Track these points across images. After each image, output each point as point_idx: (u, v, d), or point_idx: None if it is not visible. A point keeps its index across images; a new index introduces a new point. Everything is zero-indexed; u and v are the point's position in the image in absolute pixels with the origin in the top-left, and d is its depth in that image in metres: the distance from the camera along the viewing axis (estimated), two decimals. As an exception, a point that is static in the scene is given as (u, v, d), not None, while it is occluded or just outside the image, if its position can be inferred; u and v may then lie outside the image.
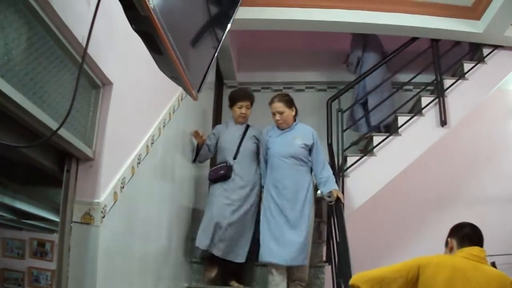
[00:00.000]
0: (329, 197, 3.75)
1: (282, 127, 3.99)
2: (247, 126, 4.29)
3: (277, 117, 3.95)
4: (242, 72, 6.36)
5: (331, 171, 3.91)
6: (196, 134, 4.09)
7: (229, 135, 4.22)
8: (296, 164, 3.87)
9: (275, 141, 3.98)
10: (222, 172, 4.00)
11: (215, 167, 4.12)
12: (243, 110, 4.20)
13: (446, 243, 2.52)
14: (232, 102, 4.29)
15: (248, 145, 4.16)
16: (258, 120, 4.46)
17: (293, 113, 4.01)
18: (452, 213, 5.48)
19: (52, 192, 2.70)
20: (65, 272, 2.01)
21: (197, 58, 1.61)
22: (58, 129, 1.50)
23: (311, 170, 3.97)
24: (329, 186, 3.79)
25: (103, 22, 2.02)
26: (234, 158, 4.08)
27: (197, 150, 4.15)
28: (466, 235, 2.44)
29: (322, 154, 3.96)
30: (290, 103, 3.99)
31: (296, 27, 4.90)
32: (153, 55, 1.38)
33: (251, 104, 4.27)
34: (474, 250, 2.35)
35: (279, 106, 3.95)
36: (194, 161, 4.17)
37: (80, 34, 1.81)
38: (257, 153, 4.18)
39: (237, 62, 6.23)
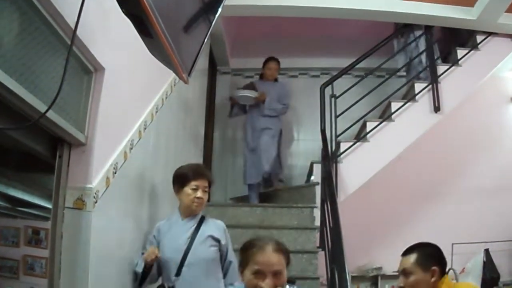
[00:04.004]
0: None
1: None
2: (201, 220, 2.83)
3: (268, 281, 1.82)
4: (236, 58, 6.35)
5: None
6: (149, 254, 2.61)
7: (172, 238, 2.75)
8: None
9: None
10: None
11: None
12: (199, 194, 2.75)
13: (432, 272, 2.11)
14: (182, 181, 2.80)
15: (202, 251, 2.70)
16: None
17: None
18: (446, 199, 5.56)
19: (46, 179, 2.69)
20: (57, 257, 2.01)
21: (188, 42, 1.61)
22: (46, 111, 1.50)
23: None
24: None
25: (95, 7, 2.01)
26: (177, 274, 2.66)
27: (143, 274, 2.66)
28: (445, 261, 2.16)
29: None
30: (289, 258, 1.96)
31: (289, 13, 4.87)
32: (144, 38, 1.38)
33: (209, 186, 2.88)
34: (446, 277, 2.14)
35: (276, 261, 1.87)
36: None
37: (72, 19, 1.80)
38: (221, 262, 2.79)
39: (231, 48, 6.21)
